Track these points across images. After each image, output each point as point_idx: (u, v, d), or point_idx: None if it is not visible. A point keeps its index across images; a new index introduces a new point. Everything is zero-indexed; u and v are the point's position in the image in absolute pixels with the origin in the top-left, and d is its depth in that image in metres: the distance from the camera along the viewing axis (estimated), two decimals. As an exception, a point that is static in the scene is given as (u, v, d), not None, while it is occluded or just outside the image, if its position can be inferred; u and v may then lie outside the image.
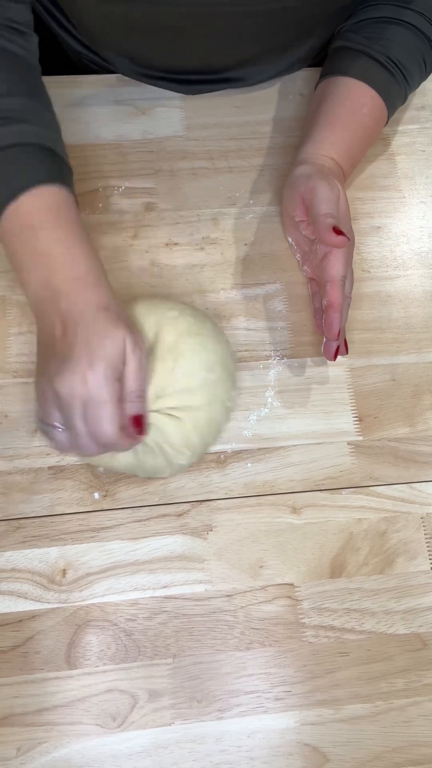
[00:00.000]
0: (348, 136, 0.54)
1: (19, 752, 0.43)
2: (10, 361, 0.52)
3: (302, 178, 0.51)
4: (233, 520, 0.49)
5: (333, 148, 0.53)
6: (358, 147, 0.55)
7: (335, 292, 0.48)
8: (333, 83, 0.55)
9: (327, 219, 0.47)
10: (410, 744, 0.45)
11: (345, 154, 0.54)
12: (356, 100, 0.54)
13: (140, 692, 0.45)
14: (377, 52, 0.54)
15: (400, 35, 0.55)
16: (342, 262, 0.48)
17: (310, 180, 0.50)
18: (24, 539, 0.47)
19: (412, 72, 0.56)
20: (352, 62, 0.55)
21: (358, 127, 0.54)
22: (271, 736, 0.45)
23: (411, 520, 0.50)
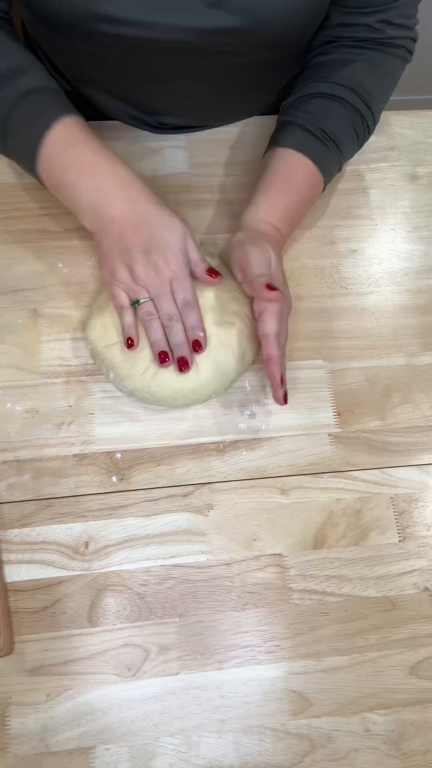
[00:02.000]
0: (283, 199, 0.52)
1: (48, 697, 0.44)
2: (40, 364, 0.52)
3: (237, 245, 0.49)
4: (231, 500, 0.50)
5: (269, 212, 0.51)
6: (294, 209, 0.53)
7: (269, 347, 0.46)
8: (273, 154, 0.54)
9: (260, 279, 0.46)
10: (381, 690, 0.45)
11: (281, 217, 0.52)
12: (291, 167, 0.52)
13: (151, 646, 0.45)
14: (312, 125, 0.52)
15: (333, 110, 0.53)
16: (274, 318, 0.46)
17: (243, 246, 0.48)
18: (53, 516, 0.48)
19: (344, 142, 0.54)
20: (290, 134, 0.53)
21: (293, 191, 0.52)
22: (263, 683, 0.45)
23: (382, 500, 0.51)
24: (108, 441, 0.51)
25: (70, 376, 0.52)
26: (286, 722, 0.44)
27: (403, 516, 0.50)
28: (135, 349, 0.48)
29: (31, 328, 0.54)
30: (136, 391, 0.49)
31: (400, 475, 0.52)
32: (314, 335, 0.56)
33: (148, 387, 0.48)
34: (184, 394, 0.49)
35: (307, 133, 0.53)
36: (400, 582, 0.48)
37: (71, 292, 0.55)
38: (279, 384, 0.47)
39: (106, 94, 0.60)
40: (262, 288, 0.46)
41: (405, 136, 0.66)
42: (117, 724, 0.43)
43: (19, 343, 0.53)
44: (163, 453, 0.51)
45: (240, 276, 0.49)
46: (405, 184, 0.64)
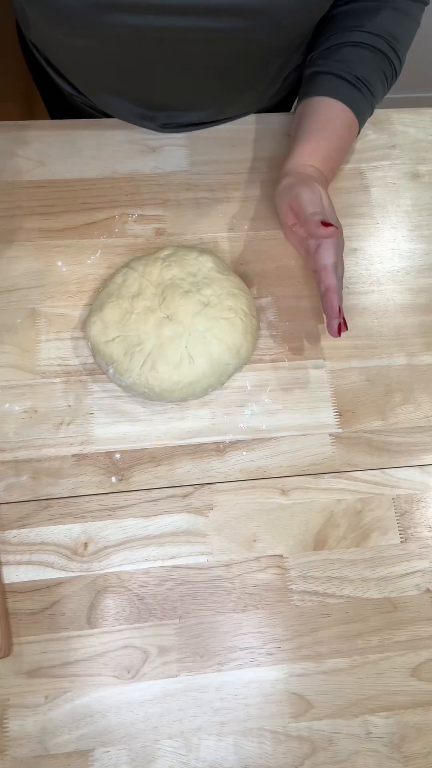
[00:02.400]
0: (325, 144, 0.54)
1: (47, 700, 0.44)
2: (39, 364, 0.52)
3: (286, 189, 0.52)
4: (231, 501, 0.50)
5: (312, 157, 0.54)
6: (335, 153, 0.56)
7: (329, 277, 0.48)
8: (309, 103, 0.56)
9: (314, 216, 0.48)
10: (382, 693, 0.45)
11: (323, 161, 0.54)
12: (330, 113, 0.55)
13: (151, 648, 0.45)
14: (345, 72, 0.55)
15: (363, 56, 0.55)
16: (331, 251, 0.49)
17: (293, 189, 0.50)
18: (51, 517, 0.48)
19: (375, 86, 0.56)
20: (324, 83, 0.55)
21: (333, 136, 0.55)
22: (264, 685, 0.45)
23: (383, 500, 0.51)
24: (107, 441, 0.50)
25: (69, 375, 0.52)
26: (287, 725, 0.44)
27: (405, 517, 0.50)
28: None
29: (30, 328, 0.54)
30: (135, 385, 0.49)
31: (401, 475, 0.51)
32: (315, 334, 0.56)
33: (146, 381, 0.48)
34: (181, 387, 0.49)
35: (341, 81, 0.55)
36: (401, 583, 0.48)
37: (70, 291, 0.55)
38: (336, 313, 0.48)
39: (111, 94, 0.60)
40: (318, 225, 0.47)
41: (406, 134, 0.66)
42: (116, 726, 0.43)
43: (17, 343, 0.53)
44: (162, 453, 0.51)
45: (291, 219, 0.52)
46: (406, 182, 0.63)
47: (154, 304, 0.49)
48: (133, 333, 0.49)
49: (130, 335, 0.49)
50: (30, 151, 0.60)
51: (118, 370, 0.49)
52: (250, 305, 0.52)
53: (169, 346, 0.48)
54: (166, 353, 0.48)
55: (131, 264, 0.53)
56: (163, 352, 0.48)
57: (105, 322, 0.50)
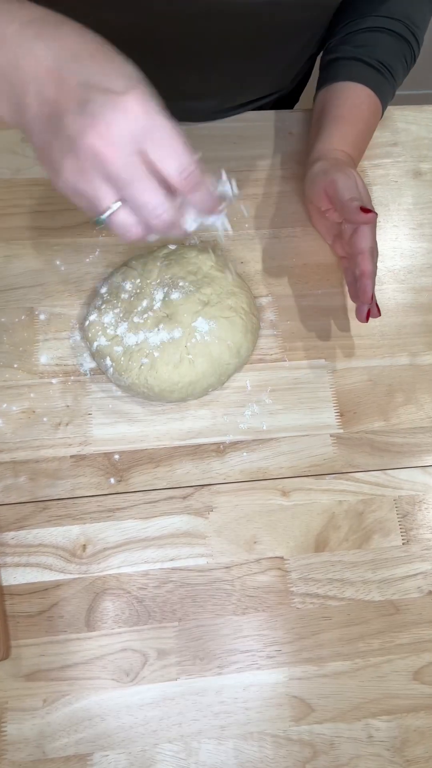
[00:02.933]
0: (353, 129, 0.55)
1: (45, 703, 0.43)
2: (37, 364, 0.52)
3: (320, 174, 0.51)
4: (231, 502, 0.49)
5: (342, 142, 0.54)
6: (363, 137, 0.56)
7: (366, 262, 0.48)
8: (332, 89, 0.56)
9: (353, 202, 0.48)
10: (384, 696, 0.45)
11: (353, 145, 0.55)
12: (355, 99, 0.55)
13: (150, 651, 0.45)
14: (367, 57, 0.55)
15: (383, 41, 0.56)
16: (369, 236, 0.49)
17: (327, 174, 0.50)
18: (49, 518, 0.48)
19: (397, 70, 0.57)
20: (347, 69, 0.56)
21: (360, 121, 0.55)
22: (264, 689, 0.45)
23: (385, 502, 0.51)
24: (106, 442, 0.50)
25: (68, 375, 0.52)
26: (288, 728, 0.44)
27: (407, 518, 0.50)
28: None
29: (28, 327, 0.54)
30: (134, 385, 0.49)
31: (403, 476, 0.51)
32: (316, 334, 0.56)
33: (146, 381, 0.48)
34: (181, 387, 0.49)
35: (364, 65, 0.55)
36: (403, 585, 0.48)
37: (69, 290, 0.55)
38: (369, 298, 0.48)
39: None
40: (357, 211, 0.47)
41: (408, 131, 0.66)
42: (115, 730, 0.43)
43: (15, 342, 0.53)
44: (162, 454, 0.50)
45: (326, 203, 0.52)
46: (408, 180, 0.63)
47: (153, 304, 0.49)
48: (132, 332, 0.48)
49: (129, 335, 0.48)
50: (28, 149, 0.60)
51: (117, 370, 0.49)
52: (251, 304, 0.52)
53: (169, 345, 0.48)
54: (165, 353, 0.48)
55: (130, 263, 0.53)
56: (162, 352, 0.48)
57: (104, 321, 0.49)
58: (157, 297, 0.50)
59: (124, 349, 0.48)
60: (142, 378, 0.48)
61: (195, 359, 0.48)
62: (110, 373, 0.50)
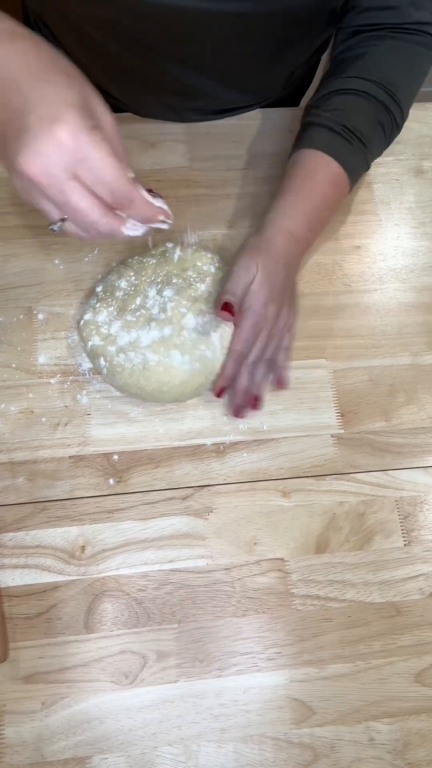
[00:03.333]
0: (305, 202, 0.51)
1: (43, 706, 0.43)
2: (36, 363, 0.52)
3: (240, 249, 0.50)
4: (231, 503, 0.49)
5: (286, 217, 0.51)
6: (317, 212, 0.52)
7: (227, 364, 0.48)
8: (298, 156, 0.53)
9: (224, 295, 0.47)
10: (385, 698, 0.45)
11: (301, 220, 0.51)
12: (311, 167, 0.52)
13: (149, 653, 0.45)
14: (335, 123, 0.52)
15: (357, 105, 0.52)
16: (241, 337, 0.47)
17: (238, 255, 0.49)
18: (48, 519, 0.48)
19: (369, 137, 0.53)
20: (314, 135, 0.53)
21: (313, 193, 0.51)
22: (264, 691, 0.45)
23: (386, 502, 0.50)
24: (105, 442, 0.50)
25: (66, 375, 0.52)
26: (288, 731, 0.44)
27: (408, 519, 0.50)
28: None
29: (26, 326, 0.53)
30: (127, 385, 0.49)
31: (404, 477, 0.51)
32: (316, 334, 0.55)
33: (137, 381, 0.48)
34: (172, 387, 0.48)
35: (328, 131, 0.52)
36: (404, 587, 0.48)
37: (67, 290, 0.55)
38: (216, 395, 0.49)
39: (120, 79, 0.59)
40: (218, 303, 0.47)
41: (410, 129, 0.65)
42: (114, 733, 0.43)
43: (13, 342, 0.53)
44: (161, 455, 0.50)
45: None
46: (410, 178, 0.63)
47: (146, 301, 0.49)
48: (124, 331, 0.48)
49: (122, 333, 0.48)
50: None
51: (111, 370, 0.49)
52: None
53: (161, 345, 0.48)
54: (157, 352, 0.48)
55: (127, 261, 0.52)
56: (154, 352, 0.48)
57: (98, 320, 0.49)
58: (150, 294, 0.50)
59: (117, 348, 0.48)
60: (134, 378, 0.48)
61: (185, 357, 0.48)
62: (104, 373, 0.50)
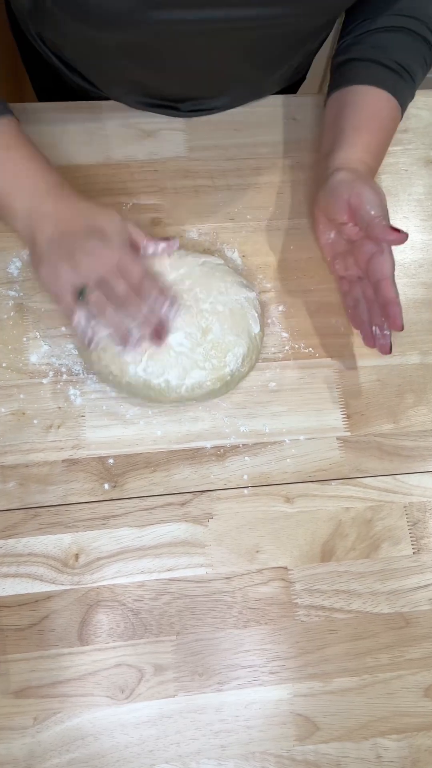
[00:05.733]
0: (374, 139, 0.54)
1: (35, 721, 0.43)
2: (27, 363, 0.52)
3: (344, 184, 0.50)
4: (232, 509, 0.49)
5: (364, 153, 0.53)
6: (383, 146, 0.56)
7: (390, 289, 0.48)
8: (349, 93, 0.55)
9: (382, 221, 0.48)
10: (394, 714, 0.45)
11: (374, 156, 0.54)
12: (375, 105, 0.55)
13: (146, 666, 0.45)
14: (385, 58, 0.54)
15: (400, 40, 0.55)
16: (391, 261, 0.49)
17: (353, 186, 0.50)
18: (40, 526, 0.48)
19: (416, 71, 0.56)
20: (363, 71, 0.55)
21: (381, 129, 0.55)
22: (267, 706, 0.45)
23: (395, 508, 0.51)
24: (100, 445, 0.50)
25: (59, 375, 0.52)
26: (292, 748, 0.44)
27: (418, 526, 0.50)
28: (94, 347, 0.49)
29: (17, 324, 0.54)
30: (129, 385, 0.49)
31: (414, 482, 0.51)
32: (322, 332, 0.56)
33: (138, 378, 0.48)
34: (178, 385, 0.49)
35: (382, 68, 0.55)
36: (414, 597, 0.48)
37: (60, 285, 0.55)
38: (400, 326, 0.48)
39: (125, 87, 0.60)
40: (387, 230, 0.47)
41: (419, 117, 0.66)
42: (109, 750, 0.43)
43: (4, 340, 0.53)
44: (159, 458, 0.50)
45: (347, 216, 0.51)
46: (419, 168, 0.63)
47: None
48: None
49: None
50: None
51: (111, 370, 0.49)
52: (255, 305, 0.52)
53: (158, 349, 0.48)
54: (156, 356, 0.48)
55: None
56: (153, 356, 0.48)
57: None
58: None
59: (114, 347, 0.48)
60: (137, 376, 0.48)
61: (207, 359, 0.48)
62: (102, 372, 0.50)
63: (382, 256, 0.49)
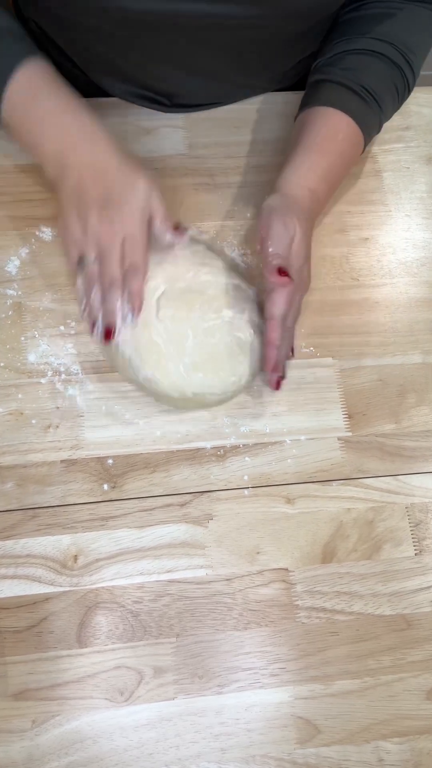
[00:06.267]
0: (324, 160, 0.52)
1: (34, 724, 0.43)
2: (25, 362, 0.52)
3: (265, 211, 0.49)
4: (232, 510, 0.49)
5: (309, 174, 0.52)
6: (335, 171, 0.54)
7: (273, 331, 0.47)
8: (311, 113, 0.54)
9: (273, 260, 0.47)
10: (396, 717, 0.45)
11: (321, 179, 0.52)
12: (332, 126, 0.53)
13: (146, 669, 0.45)
14: (351, 82, 0.53)
15: (371, 65, 0.54)
16: (282, 301, 0.47)
17: (270, 216, 0.48)
18: (38, 527, 0.48)
19: (384, 99, 0.54)
20: (328, 92, 0.54)
21: (334, 152, 0.53)
22: (267, 709, 0.45)
23: (396, 509, 0.51)
24: (99, 446, 0.50)
25: (58, 375, 0.52)
26: (292, 751, 0.44)
27: (420, 527, 0.50)
28: (83, 319, 0.49)
29: (15, 323, 0.54)
30: (169, 389, 0.49)
31: (416, 482, 0.51)
32: (322, 331, 0.56)
33: (182, 386, 0.48)
34: (230, 391, 0.49)
35: (346, 90, 0.53)
36: (416, 599, 0.48)
37: (59, 284, 0.55)
38: (272, 368, 0.48)
39: (115, 77, 0.60)
40: (273, 270, 0.47)
41: (421, 115, 0.66)
42: (108, 753, 0.43)
43: (2, 339, 0.53)
44: (158, 459, 0.50)
45: (258, 248, 0.50)
46: (421, 166, 0.63)
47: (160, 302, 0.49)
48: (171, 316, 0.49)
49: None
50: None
51: (151, 372, 0.48)
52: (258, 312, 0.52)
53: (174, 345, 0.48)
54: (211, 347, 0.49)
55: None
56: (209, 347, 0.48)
57: None
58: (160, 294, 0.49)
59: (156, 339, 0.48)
60: (180, 382, 0.48)
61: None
62: (137, 372, 0.49)
63: (275, 295, 0.48)
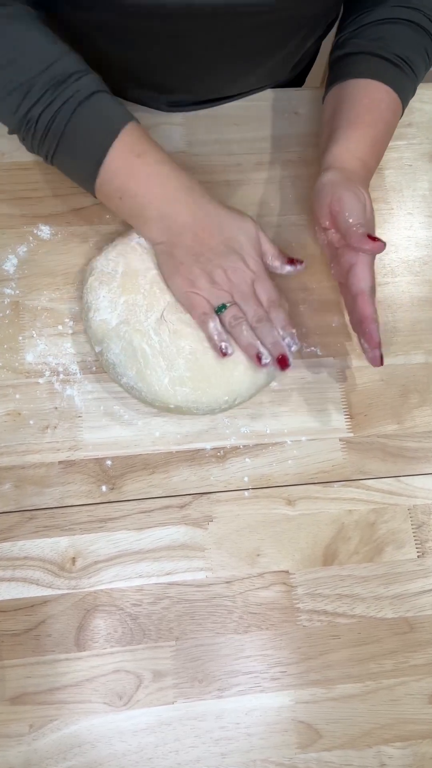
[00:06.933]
0: (371, 132, 0.53)
1: (31, 729, 0.43)
2: (23, 362, 0.52)
3: (328, 187, 0.49)
4: (232, 512, 0.49)
5: (359, 147, 0.52)
6: (382, 142, 0.54)
7: (367, 305, 0.47)
8: (347, 86, 0.54)
9: (359, 228, 0.47)
10: (398, 721, 0.45)
11: (370, 151, 0.53)
12: (373, 97, 0.53)
13: (145, 673, 0.45)
14: (385, 51, 0.53)
15: (400, 32, 0.54)
16: (368, 274, 0.48)
17: (336, 189, 0.49)
18: (36, 529, 0.48)
19: (418, 64, 0.55)
20: (363, 64, 0.54)
21: (379, 122, 0.53)
22: (268, 713, 0.45)
23: (398, 511, 0.50)
24: (97, 447, 0.50)
25: (56, 375, 0.52)
26: (293, 756, 0.44)
27: (422, 529, 0.50)
28: (229, 357, 0.49)
29: (13, 323, 0.53)
30: (149, 397, 0.49)
31: (418, 484, 0.51)
32: (324, 330, 0.56)
33: (173, 394, 0.48)
34: (227, 400, 0.49)
35: (382, 60, 0.54)
36: (418, 602, 0.48)
37: (56, 283, 0.55)
38: (377, 344, 0.48)
39: (115, 77, 0.60)
40: (362, 237, 0.47)
41: (423, 112, 0.65)
42: (107, 758, 0.43)
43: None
44: (157, 460, 0.50)
45: (328, 222, 0.51)
46: (424, 163, 0.63)
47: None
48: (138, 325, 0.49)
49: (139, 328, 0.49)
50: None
51: (142, 376, 0.49)
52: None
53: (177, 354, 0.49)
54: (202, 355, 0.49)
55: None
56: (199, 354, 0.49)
57: (114, 303, 0.50)
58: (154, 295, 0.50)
59: (151, 345, 0.48)
60: (167, 391, 0.48)
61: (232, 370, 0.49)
62: (115, 369, 0.49)
63: (359, 268, 0.48)
